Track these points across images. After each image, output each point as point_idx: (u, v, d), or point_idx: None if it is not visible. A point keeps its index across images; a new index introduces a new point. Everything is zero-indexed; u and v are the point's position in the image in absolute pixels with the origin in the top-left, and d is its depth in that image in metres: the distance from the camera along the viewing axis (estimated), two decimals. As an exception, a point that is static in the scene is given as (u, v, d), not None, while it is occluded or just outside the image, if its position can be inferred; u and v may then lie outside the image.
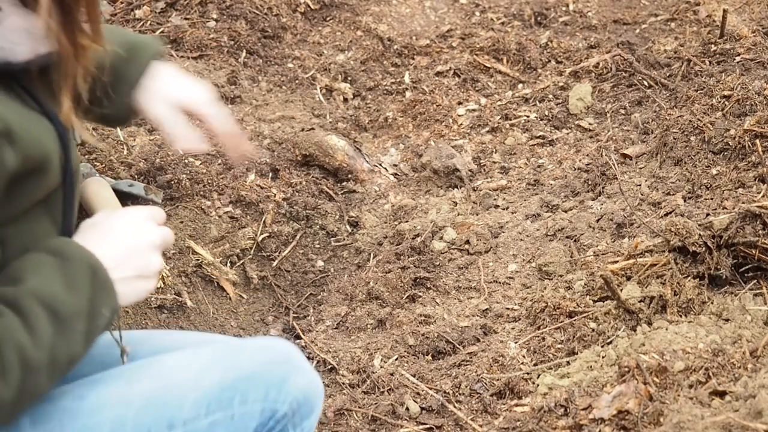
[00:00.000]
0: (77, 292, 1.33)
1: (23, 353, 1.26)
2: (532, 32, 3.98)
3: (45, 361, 1.29)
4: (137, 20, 3.73)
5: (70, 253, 1.35)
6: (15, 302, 1.29)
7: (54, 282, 1.32)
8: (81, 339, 1.34)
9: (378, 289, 2.74)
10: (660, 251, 2.46)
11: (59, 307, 1.30)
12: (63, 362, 1.32)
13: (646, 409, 1.97)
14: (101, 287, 1.36)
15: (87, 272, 1.35)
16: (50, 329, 1.29)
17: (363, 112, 3.65)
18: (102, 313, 1.36)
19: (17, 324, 1.27)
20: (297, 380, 1.54)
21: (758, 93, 2.96)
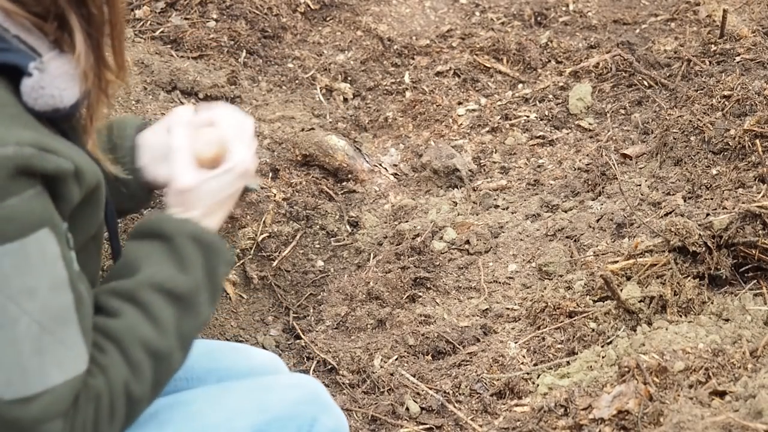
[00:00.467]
0: (191, 267, 1.38)
1: (151, 347, 1.32)
2: (532, 32, 3.98)
3: (173, 344, 1.35)
4: (137, 20, 3.73)
5: (170, 231, 1.40)
6: (134, 296, 1.34)
7: (166, 266, 1.37)
8: (207, 305, 1.40)
9: (378, 289, 2.74)
10: (660, 251, 2.46)
11: (177, 289, 1.36)
12: (193, 335, 1.39)
13: (646, 409, 1.97)
14: (210, 250, 1.41)
15: (192, 244, 1.39)
16: (173, 312, 1.35)
17: (363, 112, 3.65)
18: (219, 272, 1.42)
19: (139, 319, 1.32)
20: (325, 420, 1.59)
21: (758, 93, 2.96)
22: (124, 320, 1.31)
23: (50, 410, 1.21)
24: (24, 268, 1.17)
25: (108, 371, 1.28)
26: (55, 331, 1.20)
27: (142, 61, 3.44)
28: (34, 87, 1.23)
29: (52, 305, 1.20)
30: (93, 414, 1.26)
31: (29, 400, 1.20)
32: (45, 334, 1.20)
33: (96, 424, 1.26)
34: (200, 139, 1.49)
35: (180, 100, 3.37)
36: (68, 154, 1.22)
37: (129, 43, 3.58)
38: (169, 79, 3.39)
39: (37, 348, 1.19)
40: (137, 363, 1.30)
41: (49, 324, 1.20)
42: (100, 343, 1.30)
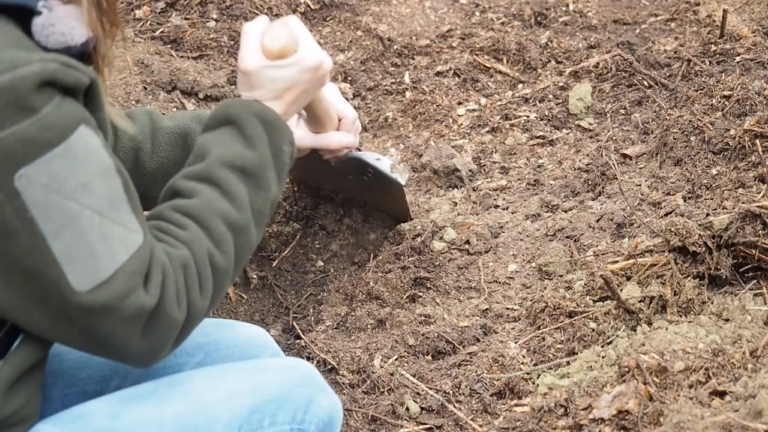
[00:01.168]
0: (257, 144, 1.48)
1: (229, 220, 1.41)
2: (532, 32, 3.98)
3: (250, 218, 1.44)
4: (137, 20, 3.73)
5: (235, 113, 1.50)
6: (207, 176, 1.44)
7: (234, 145, 1.47)
8: (275, 182, 1.51)
9: (378, 289, 2.74)
10: (660, 251, 2.46)
11: (246, 164, 1.46)
12: (266, 210, 1.49)
13: (646, 409, 1.97)
14: (274, 128, 1.51)
15: (257, 122, 1.49)
16: (245, 188, 1.45)
17: (363, 112, 3.65)
18: (284, 150, 1.52)
19: (215, 195, 1.42)
20: (321, 401, 1.61)
21: (758, 93, 2.96)
22: (201, 198, 1.41)
23: (128, 284, 1.29)
24: (74, 166, 1.24)
25: (191, 244, 1.37)
26: (111, 214, 1.28)
27: (142, 61, 3.44)
28: (45, 24, 1.29)
29: (106, 192, 1.28)
30: (183, 282, 1.35)
31: (107, 283, 1.28)
32: (105, 220, 1.27)
33: (188, 291, 1.35)
34: (270, 33, 1.57)
35: (180, 100, 3.37)
36: (86, 69, 1.29)
37: (129, 43, 3.58)
38: (169, 79, 3.39)
39: (101, 234, 1.27)
40: (219, 235, 1.39)
41: (106, 210, 1.27)
42: (180, 221, 1.40)
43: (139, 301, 1.29)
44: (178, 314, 1.33)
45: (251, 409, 1.54)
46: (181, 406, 1.51)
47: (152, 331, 1.32)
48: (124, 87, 3.27)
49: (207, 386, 1.56)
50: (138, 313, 1.29)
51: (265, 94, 1.55)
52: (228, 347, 1.76)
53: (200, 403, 1.52)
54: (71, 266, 1.25)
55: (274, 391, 1.57)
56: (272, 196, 1.49)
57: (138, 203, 1.34)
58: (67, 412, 1.50)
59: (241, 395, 1.55)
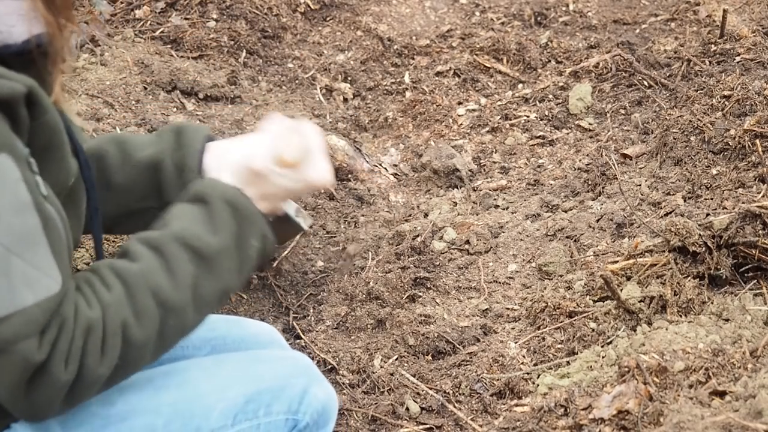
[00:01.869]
0: (221, 230, 1.41)
1: (161, 296, 1.33)
2: (532, 32, 3.98)
3: (189, 300, 1.36)
4: (137, 20, 3.73)
5: (209, 195, 1.43)
6: (158, 246, 1.36)
7: (197, 224, 1.40)
8: (232, 273, 1.41)
9: (378, 289, 2.74)
10: (660, 251, 2.46)
11: (202, 248, 1.38)
12: (212, 298, 1.40)
13: (646, 409, 1.97)
14: (245, 219, 1.43)
15: (227, 209, 1.42)
16: (193, 269, 1.37)
17: (363, 112, 3.65)
18: (251, 244, 1.44)
19: (156, 267, 1.35)
20: (316, 392, 1.62)
21: (758, 93, 2.96)
22: (141, 265, 1.34)
23: (22, 330, 1.21)
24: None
25: (108, 308, 1.29)
26: (22, 252, 1.21)
27: (142, 61, 3.44)
28: None
29: (17, 228, 1.20)
30: (81, 343, 1.26)
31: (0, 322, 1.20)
32: (12, 256, 1.20)
33: (84, 354, 1.27)
34: (287, 141, 1.51)
35: (180, 100, 3.37)
36: (20, 77, 1.23)
37: (129, 43, 3.58)
38: (169, 79, 3.40)
39: (3, 270, 1.20)
40: (142, 308, 1.32)
41: (15, 246, 1.20)
42: (109, 281, 1.32)
43: (28, 351, 1.22)
44: (64, 375, 1.25)
45: (246, 398, 1.54)
46: (177, 394, 1.52)
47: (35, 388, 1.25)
48: (124, 87, 3.27)
49: (203, 375, 1.56)
50: (22, 363, 1.22)
51: (257, 192, 1.47)
52: (235, 342, 1.77)
53: (196, 392, 1.53)
54: None
55: (269, 381, 1.58)
56: (224, 286, 1.41)
57: (64, 249, 1.27)
58: None
59: (237, 385, 1.55)
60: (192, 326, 1.40)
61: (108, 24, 3.68)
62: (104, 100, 3.19)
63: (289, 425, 1.58)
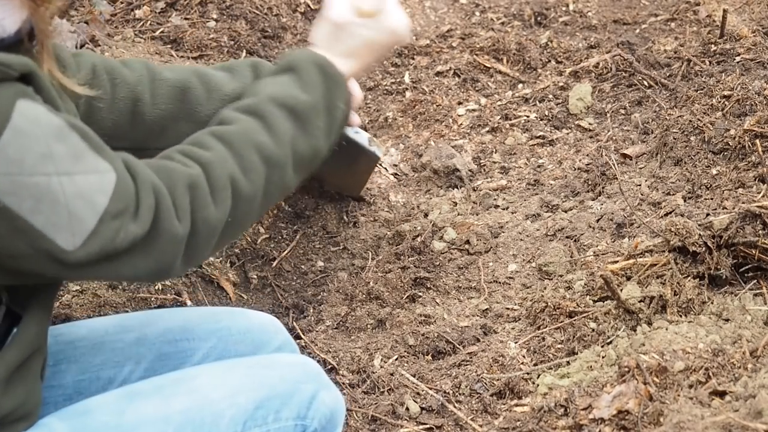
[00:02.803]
0: (312, 90, 1.47)
1: (264, 152, 1.40)
2: (532, 32, 3.98)
3: (289, 156, 1.43)
4: (137, 20, 3.73)
5: (298, 62, 1.50)
6: (254, 108, 1.43)
7: (289, 87, 1.47)
8: (323, 133, 1.48)
9: (378, 289, 2.74)
10: (660, 251, 2.46)
11: (297, 105, 1.45)
12: (307, 155, 1.47)
13: (646, 409, 1.97)
14: (332, 82, 1.50)
15: (317, 71, 1.48)
16: (290, 126, 1.44)
17: (363, 112, 3.65)
18: (338, 106, 1.50)
19: (256, 126, 1.41)
20: (325, 397, 1.63)
21: (758, 93, 2.96)
22: (240, 125, 1.41)
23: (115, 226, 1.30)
24: (27, 143, 1.24)
25: (208, 163, 1.37)
26: (79, 168, 1.28)
27: (142, 61, 3.44)
28: None
29: (66, 152, 1.27)
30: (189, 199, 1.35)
31: (95, 232, 1.29)
32: (75, 177, 1.28)
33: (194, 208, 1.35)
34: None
35: (180, 100, 3.37)
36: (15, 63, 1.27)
37: (129, 43, 3.58)
38: (169, 79, 3.39)
39: (75, 192, 1.27)
40: (250, 164, 1.38)
41: (72, 167, 1.27)
42: (208, 143, 1.39)
43: (129, 234, 1.31)
44: (179, 229, 1.33)
45: (256, 404, 1.55)
46: (187, 402, 1.53)
47: (153, 251, 1.33)
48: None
49: (212, 383, 1.57)
50: (131, 244, 1.31)
51: (345, 49, 1.54)
52: (240, 333, 1.78)
53: (205, 400, 1.54)
54: (58, 233, 1.26)
55: (278, 387, 1.59)
56: (317, 146, 1.48)
57: (99, 143, 1.34)
58: (74, 407, 1.51)
59: (246, 391, 1.56)
60: (291, 184, 1.47)
61: (108, 24, 3.68)
62: (104, 100, 3.19)
63: (298, 430, 1.59)
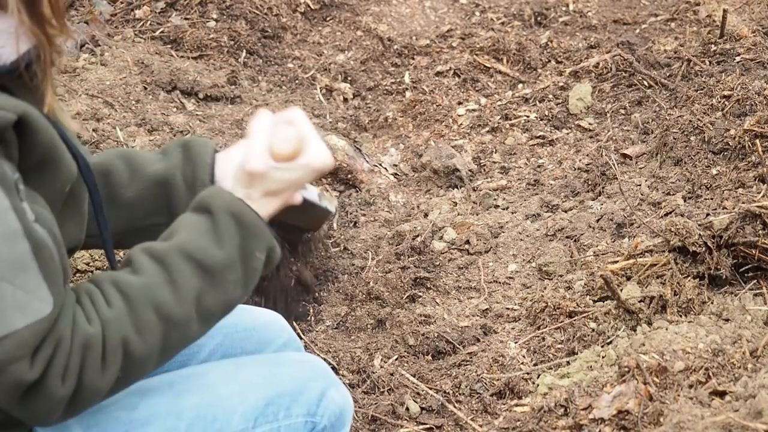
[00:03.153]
0: (226, 243, 1.40)
1: (163, 310, 1.34)
2: (532, 32, 3.98)
3: (192, 313, 1.37)
4: (137, 20, 3.73)
5: (214, 206, 1.42)
6: (162, 258, 1.37)
7: (203, 238, 1.40)
8: (237, 286, 1.42)
9: (378, 289, 2.74)
10: (660, 251, 2.46)
11: (206, 260, 1.38)
12: (216, 310, 1.41)
13: (646, 409, 1.97)
14: (249, 232, 1.42)
15: (232, 221, 1.41)
16: (197, 283, 1.37)
17: (363, 112, 3.65)
18: (255, 256, 1.43)
19: (159, 280, 1.35)
20: (333, 395, 1.64)
21: (758, 93, 2.96)
22: (143, 279, 1.35)
23: (12, 353, 1.23)
24: None
25: (108, 325, 1.31)
26: (13, 278, 1.23)
27: (142, 61, 3.44)
28: None
29: (7, 255, 1.22)
30: (79, 360, 1.28)
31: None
32: (2, 283, 1.22)
33: (83, 369, 1.29)
34: (279, 135, 1.51)
35: (180, 100, 3.37)
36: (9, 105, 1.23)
37: (129, 43, 3.58)
38: (169, 79, 3.40)
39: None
40: (144, 323, 1.32)
41: (5, 273, 1.22)
42: (110, 296, 1.33)
43: (19, 373, 1.24)
44: (61, 390, 1.27)
45: (266, 401, 1.57)
46: (198, 398, 1.54)
47: (31, 402, 1.28)
48: (124, 87, 3.27)
49: (223, 379, 1.59)
50: (15, 384, 1.25)
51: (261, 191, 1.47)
52: (246, 330, 1.80)
53: (217, 396, 1.55)
54: None
55: (288, 385, 1.60)
56: (229, 299, 1.41)
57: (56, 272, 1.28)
58: None
59: (257, 388, 1.58)
60: (196, 337, 1.41)
61: (108, 24, 3.68)
62: (104, 100, 3.19)
63: (308, 427, 1.61)
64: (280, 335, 1.84)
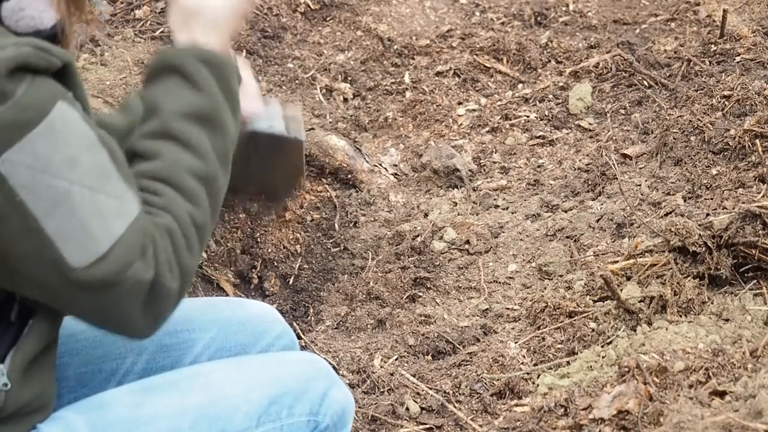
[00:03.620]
0: (205, 87, 1.44)
1: (197, 173, 1.40)
2: (532, 32, 3.98)
3: (216, 164, 1.43)
4: (137, 20, 3.73)
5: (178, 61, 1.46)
6: (165, 131, 1.41)
7: (183, 93, 1.44)
8: (231, 120, 1.48)
9: (378, 289, 2.74)
10: (660, 251, 2.46)
11: (201, 110, 1.43)
12: (228, 150, 1.47)
13: (646, 409, 1.97)
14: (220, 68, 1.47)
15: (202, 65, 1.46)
16: (205, 136, 1.43)
17: (363, 112, 3.65)
18: (233, 87, 1.49)
19: (177, 151, 1.40)
20: (336, 394, 1.65)
21: (758, 93, 2.96)
22: (166, 158, 1.39)
23: (126, 257, 1.28)
24: (57, 143, 1.23)
25: (170, 209, 1.36)
26: (103, 187, 1.27)
27: (142, 61, 3.44)
28: (14, 9, 1.30)
29: (93, 166, 1.27)
30: (171, 248, 1.34)
31: (105, 257, 1.27)
32: (97, 194, 1.27)
33: (178, 256, 1.34)
34: None
35: (180, 100, 3.37)
36: (59, 52, 1.28)
37: (129, 43, 3.58)
38: (169, 79, 3.39)
39: (94, 209, 1.26)
40: (193, 192, 1.39)
41: (96, 184, 1.27)
42: (152, 187, 1.38)
43: (138, 274, 1.29)
44: (173, 283, 1.33)
45: (270, 400, 1.58)
46: (202, 397, 1.55)
47: (152, 304, 1.32)
48: (124, 87, 3.27)
49: (227, 378, 1.59)
50: (137, 286, 1.29)
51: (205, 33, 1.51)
52: (240, 323, 1.80)
53: (220, 395, 1.56)
54: (66, 244, 1.25)
55: (291, 384, 1.61)
56: (231, 135, 1.48)
57: (129, 174, 1.34)
58: (89, 400, 1.53)
59: (260, 387, 1.59)
60: (225, 184, 1.47)
61: (108, 24, 3.68)
62: (104, 100, 3.19)
63: (310, 426, 1.62)
64: (274, 327, 1.85)
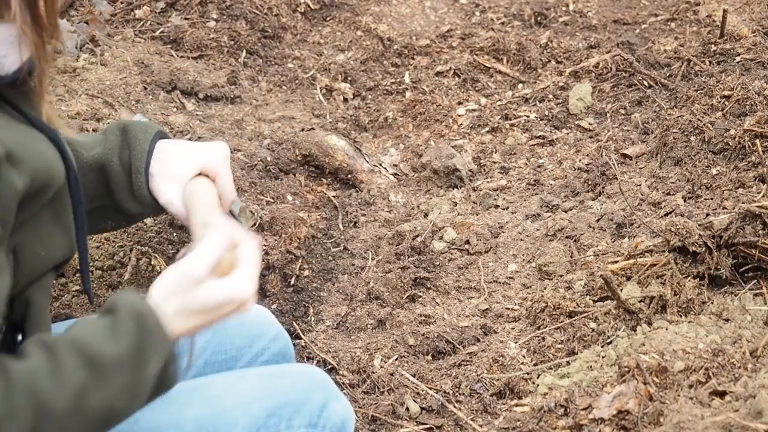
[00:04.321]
0: (121, 341, 1.29)
1: (38, 398, 1.23)
2: (532, 32, 3.98)
3: (67, 409, 1.25)
4: (137, 20, 3.73)
5: (119, 305, 1.32)
6: (51, 346, 1.27)
7: (98, 332, 1.29)
8: (124, 392, 1.30)
9: (378, 289, 2.74)
10: (660, 251, 2.46)
11: (97, 355, 1.27)
12: (98, 411, 1.28)
13: (646, 409, 1.97)
14: (149, 337, 1.31)
15: (133, 323, 1.30)
16: (82, 377, 1.26)
17: (363, 112, 3.65)
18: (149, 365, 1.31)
19: (43, 367, 1.25)
20: (335, 406, 1.64)
21: (758, 93, 2.96)
22: (26, 364, 1.25)
23: None
24: None
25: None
26: None
27: (142, 61, 3.44)
28: None
29: None
30: None
31: None
32: None
33: None
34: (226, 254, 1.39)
35: (180, 100, 3.37)
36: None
37: (129, 43, 3.58)
38: (169, 79, 3.39)
39: None
40: (18, 410, 1.22)
41: None
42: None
43: None
44: None
45: (268, 412, 1.57)
46: (200, 410, 1.54)
47: None
48: (124, 87, 3.27)
49: (225, 391, 1.58)
50: None
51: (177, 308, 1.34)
52: (235, 326, 1.79)
53: (218, 407, 1.55)
54: None
55: (290, 396, 1.60)
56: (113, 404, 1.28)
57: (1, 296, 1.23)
58: None
59: (258, 400, 1.57)
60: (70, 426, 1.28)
61: (108, 24, 3.68)
62: (104, 100, 3.19)
63: None
64: (269, 329, 1.85)
